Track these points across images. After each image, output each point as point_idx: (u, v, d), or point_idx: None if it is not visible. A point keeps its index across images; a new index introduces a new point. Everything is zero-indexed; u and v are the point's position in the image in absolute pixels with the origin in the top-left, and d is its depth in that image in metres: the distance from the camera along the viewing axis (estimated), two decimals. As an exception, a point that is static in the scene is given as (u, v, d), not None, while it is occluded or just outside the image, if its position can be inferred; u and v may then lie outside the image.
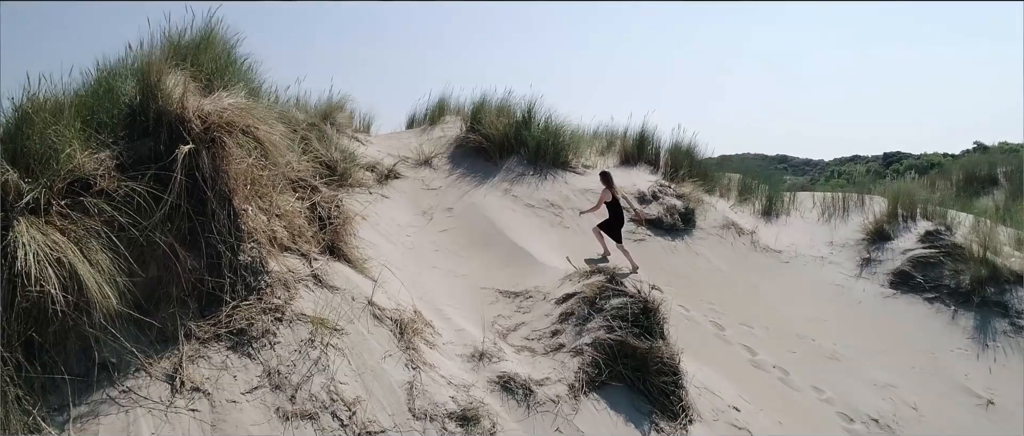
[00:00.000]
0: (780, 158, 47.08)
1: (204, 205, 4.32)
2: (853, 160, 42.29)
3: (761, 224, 11.48)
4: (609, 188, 8.00)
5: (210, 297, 4.27)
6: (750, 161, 42.32)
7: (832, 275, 9.67)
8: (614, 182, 8.15)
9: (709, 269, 9.46)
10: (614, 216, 8.03)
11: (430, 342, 5.24)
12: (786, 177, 36.84)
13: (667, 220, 10.15)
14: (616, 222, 8.02)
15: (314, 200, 5.71)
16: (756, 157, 44.37)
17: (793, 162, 47.23)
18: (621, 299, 6.00)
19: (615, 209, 8.04)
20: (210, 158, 4.31)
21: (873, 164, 38.37)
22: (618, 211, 8.04)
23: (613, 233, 8.06)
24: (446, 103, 13.11)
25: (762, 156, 45.49)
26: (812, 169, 45.20)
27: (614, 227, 8.04)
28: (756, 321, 8.14)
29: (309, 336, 4.40)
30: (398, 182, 9.55)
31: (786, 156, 48.33)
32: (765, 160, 44.36)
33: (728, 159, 29.49)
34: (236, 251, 4.44)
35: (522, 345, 5.96)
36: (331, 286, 5.04)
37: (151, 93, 4.36)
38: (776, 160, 45.63)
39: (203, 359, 3.98)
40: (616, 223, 8.03)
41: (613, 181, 8.13)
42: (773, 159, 45.36)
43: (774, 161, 44.83)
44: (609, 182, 8.07)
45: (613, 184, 8.08)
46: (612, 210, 8.04)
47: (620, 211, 8.06)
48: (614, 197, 8.03)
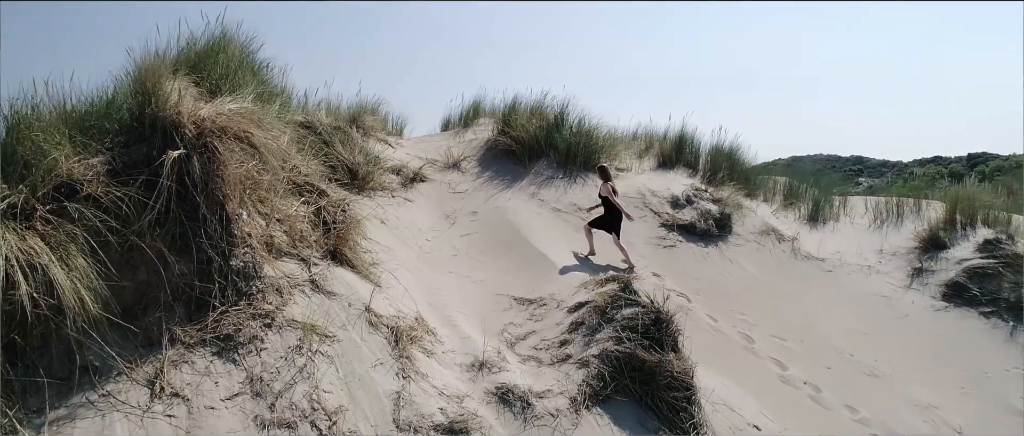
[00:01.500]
0: (855, 159, 44.99)
1: (196, 210, 4.34)
2: (934, 161, 40.10)
3: (805, 230, 10.90)
4: (608, 182, 8.18)
5: (199, 302, 4.28)
6: (820, 162, 40.71)
7: (878, 285, 9.07)
8: (611, 176, 8.32)
9: (743, 277, 9.02)
10: (611, 211, 8.21)
11: (428, 350, 5.13)
12: (861, 179, 35.19)
13: (700, 226, 9.76)
14: (615, 217, 8.19)
15: (320, 204, 5.69)
16: (829, 158, 42.60)
17: (869, 163, 45.03)
18: (633, 309, 5.73)
19: (613, 206, 8.20)
20: (201, 163, 4.32)
21: (956, 165, 36.27)
22: (617, 208, 8.19)
23: (612, 227, 8.22)
24: (480, 105, 13.06)
25: (835, 157, 43.68)
26: (889, 171, 43.00)
27: (613, 222, 8.21)
28: (790, 333, 7.69)
29: (297, 343, 4.35)
30: (424, 185, 9.52)
31: (862, 157, 46.14)
32: (838, 161, 42.55)
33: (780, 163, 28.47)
34: (228, 256, 4.43)
35: (529, 355, 5.77)
36: (329, 292, 4.99)
37: (148, 99, 4.42)
38: (851, 161, 43.66)
39: (187, 364, 3.98)
40: (615, 217, 8.19)
41: (610, 175, 8.31)
42: (847, 160, 43.45)
43: (848, 162, 42.95)
44: (607, 176, 8.24)
45: (611, 179, 8.26)
46: (609, 205, 8.19)
47: (614, 206, 8.20)
48: (615, 190, 8.21)
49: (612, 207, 8.19)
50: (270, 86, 6.77)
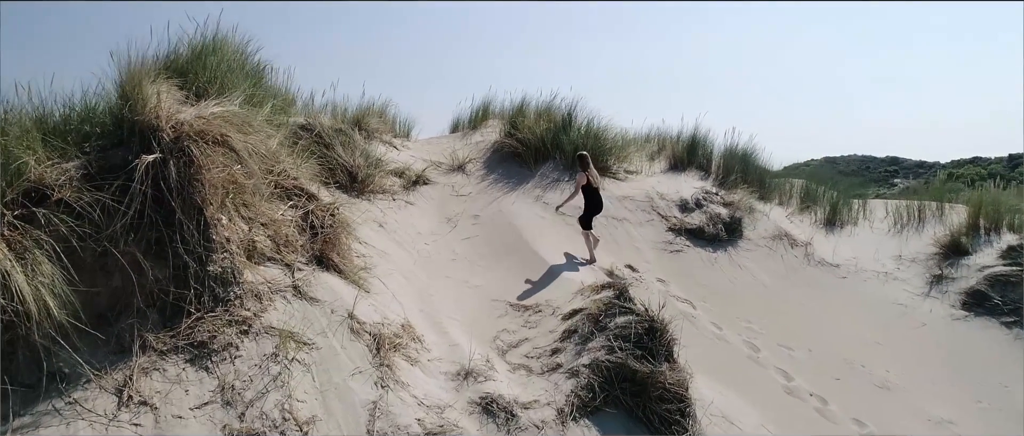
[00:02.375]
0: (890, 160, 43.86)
1: (172, 215, 4.28)
2: (973, 162, 38.88)
3: (820, 235, 10.58)
4: (584, 171, 8.00)
5: (174, 308, 4.22)
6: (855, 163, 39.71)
7: (895, 293, 8.74)
8: (590, 166, 8.07)
9: (752, 284, 8.76)
10: (590, 203, 8.06)
11: (413, 358, 5.02)
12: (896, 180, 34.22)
13: (709, 230, 9.52)
14: (591, 209, 8.07)
15: (309, 208, 5.62)
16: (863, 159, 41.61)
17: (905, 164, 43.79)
18: (626, 317, 5.56)
19: (591, 195, 8.05)
20: (177, 168, 4.26)
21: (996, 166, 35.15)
22: (595, 198, 8.05)
23: (584, 219, 8.10)
24: (490, 107, 12.93)
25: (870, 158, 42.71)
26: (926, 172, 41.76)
27: (587, 214, 8.00)
28: (798, 342, 7.43)
29: (273, 350, 4.28)
30: (427, 188, 9.43)
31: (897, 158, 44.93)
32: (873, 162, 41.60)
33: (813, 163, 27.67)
34: (205, 262, 4.38)
35: (519, 363, 5.64)
36: (311, 298, 4.91)
37: (127, 103, 4.38)
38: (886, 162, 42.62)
39: (158, 371, 3.92)
40: (591, 210, 8.07)
41: (590, 164, 8.10)
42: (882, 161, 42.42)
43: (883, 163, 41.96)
44: (585, 165, 8.08)
45: (590, 168, 8.06)
46: (588, 196, 8.06)
47: (598, 199, 8.08)
48: (590, 182, 8.04)
49: (588, 198, 8.11)
50: (264, 88, 6.73)
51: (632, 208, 9.88)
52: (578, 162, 8.24)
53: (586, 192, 8.08)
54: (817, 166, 37.95)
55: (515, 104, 11.93)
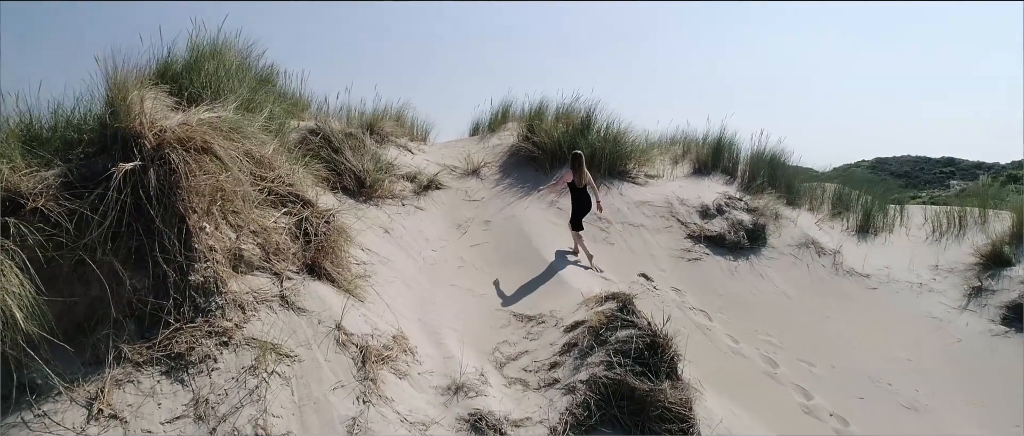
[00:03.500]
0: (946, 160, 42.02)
1: (153, 223, 4.22)
2: (1034, 163, 36.85)
3: (851, 243, 10.08)
4: (572, 171, 7.95)
5: (153, 319, 4.15)
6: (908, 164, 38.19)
7: (929, 305, 8.24)
8: (583, 166, 8.00)
9: (774, 294, 8.36)
10: (575, 204, 8.00)
11: (402, 371, 4.87)
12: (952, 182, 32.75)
13: (730, 237, 9.13)
14: (576, 209, 8.00)
15: (303, 215, 5.53)
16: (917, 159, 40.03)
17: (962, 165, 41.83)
18: (628, 331, 5.30)
19: (576, 196, 7.98)
20: (157, 176, 4.20)
21: None
22: (580, 199, 7.96)
23: (572, 221, 8.05)
24: (510, 109, 12.74)
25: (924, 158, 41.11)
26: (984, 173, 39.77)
27: (574, 214, 8.03)
28: (820, 358, 7.03)
29: (253, 363, 4.17)
30: (438, 193, 9.30)
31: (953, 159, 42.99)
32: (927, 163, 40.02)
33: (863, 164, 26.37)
34: (186, 271, 4.30)
35: (517, 377, 5.43)
36: (298, 308, 4.80)
37: (111, 110, 4.34)
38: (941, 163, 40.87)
39: (132, 383, 3.85)
40: (575, 210, 8.00)
41: (581, 164, 7.98)
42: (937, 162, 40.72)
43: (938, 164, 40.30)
44: (576, 164, 7.98)
45: (580, 168, 7.95)
46: (573, 197, 8.01)
47: (584, 199, 7.98)
48: (575, 182, 7.94)
49: (573, 199, 8.03)
50: (269, 92, 6.66)
51: (650, 214, 9.57)
52: (571, 160, 8.13)
53: (571, 191, 8.04)
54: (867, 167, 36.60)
55: (532, 106, 11.73)
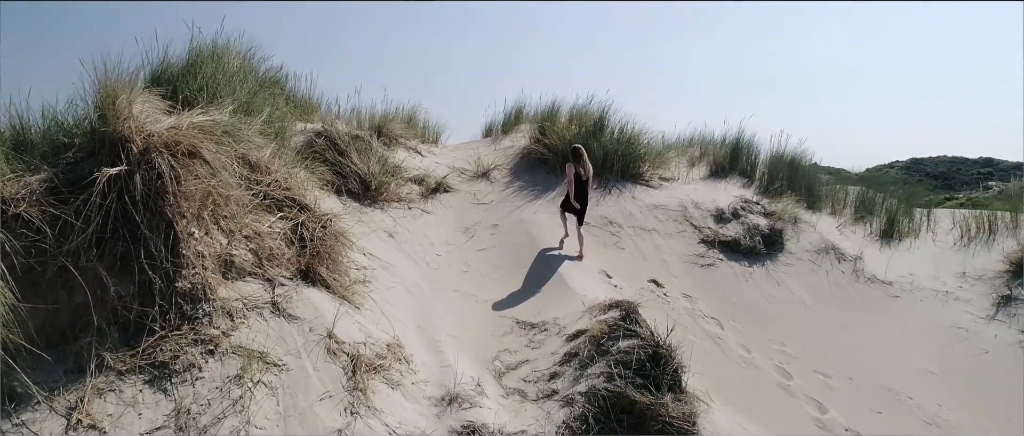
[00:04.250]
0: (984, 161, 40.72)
1: (138, 229, 4.16)
2: (1079, 163, 35.44)
3: (873, 248, 9.71)
4: (575, 164, 8.01)
5: (138, 326, 4.08)
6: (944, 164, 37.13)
7: (954, 315, 7.88)
8: (584, 157, 8.08)
9: (790, 302, 8.07)
10: (575, 193, 8.03)
11: (395, 381, 4.74)
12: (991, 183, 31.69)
13: (745, 242, 8.85)
14: (576, 199, 8.02)
15: (299, 219, 5.44)
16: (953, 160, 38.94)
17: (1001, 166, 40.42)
18: (630, 342, 5.12)
19: (578, 187, 8.01)
20: (143, 181, 4.13)
21: None
22: (580, 190, 8.01)
23: (572, 209, 8.12)
24: (523, 110, 12.55)
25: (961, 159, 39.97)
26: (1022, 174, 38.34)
27: (566, 201, 8.12)
28: (837, 369, 6.74)
29: (238, 372, 4.08)
30: (447, 196, 9.18)
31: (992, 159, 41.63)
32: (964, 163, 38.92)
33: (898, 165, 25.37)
34: (173, 278, 4.23)
35: (515, 387, 5.28)
36: (290, 315, 4.71)
37: (100, 114, 4.29)
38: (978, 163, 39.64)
39: (114, 393, 3.78)
40: (575, 198, 8.02)
41: (582, 158, 8.05)
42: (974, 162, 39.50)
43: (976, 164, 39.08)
44: (574, 158, 8.05)
45: (581, 162, 8.02)
46: (576, 187, 8.03)
47: (583, 191, 8.03)
48: (581, 173, 8.00)
49: (575, 191, 8.03)
50: (270, 95, 6.59)
51: (663, 218, 9.34)
52: (571, 154, 8.20)
53: (576, 183, 8.04)
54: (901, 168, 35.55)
55: (541, 108, 11.55)
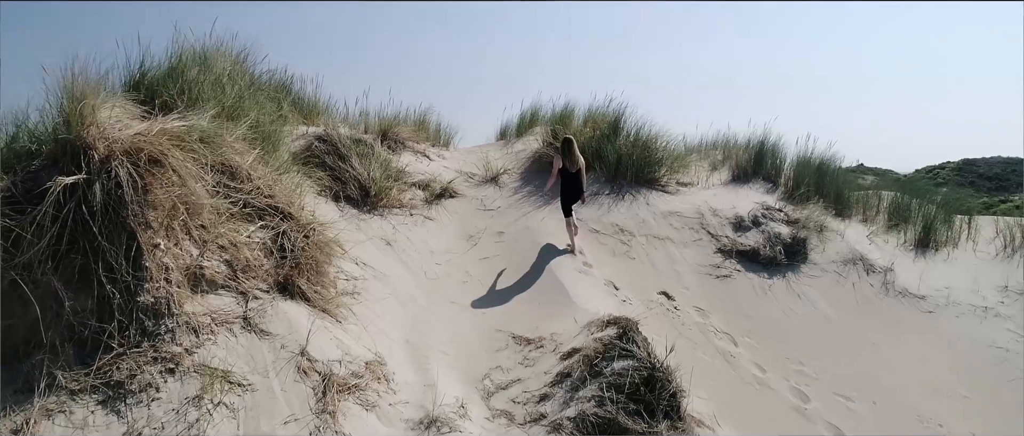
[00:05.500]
0: None
1: (97, 241, 3.97)
2: None
3: (906, 259, 9.11)
4: (562, 156, 7.95)
5: (95, 343, 3.90)
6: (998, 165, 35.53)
7: (992, 333, 7.30)
8: (574, 150, 7.95)
9: (812, 317, 7.57)
10: (563, 189, 7.98)
11: (370, 402, 4.47)
12: None
13: (765, 252, 8.37)
14: (564, 195, 7.98)
15: (281, 228, 5.22)
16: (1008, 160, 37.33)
17: None
18: (624, 363, 4.77)
19: (566, 180, 7.93)
20: (102, 190, 3.94)
21: None
22: (570, 184, 7.92)
23: (562, 205, 8.05)
24: (538, 113, 12.20)
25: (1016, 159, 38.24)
26: None
27: (562, 200, 8.02)
28: (860, 392, 6.26)
29: (198, 392, 3.86)
30: (453, 202, 8.91)
31: None
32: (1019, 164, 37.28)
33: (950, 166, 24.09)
34: (134, 291, 4.04)
35: (503, 409, 4.97)
36: (262, 331, 4.48)
37: (64, 120, 4.13)
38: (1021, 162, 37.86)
39: (64, 414, 3.59)
40: (564, 196, 7.98)
41: (572, 149, 7.94)
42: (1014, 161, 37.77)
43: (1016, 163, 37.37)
44: (563, 152, 7.97)
45: (571, 153, 7.91)
46: (563, 181, 7.98)
47: (573, 184, 7.93)
48: (567, 167, 7.90)
49: (563, 183, 8.00)
50: (253, 98, 6.38)
51: (678, 225, 8.91)
52: (561, 145, 8.13)
53: (562, 177, 7.99)
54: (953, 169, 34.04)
55: (557, 110, 11.21)
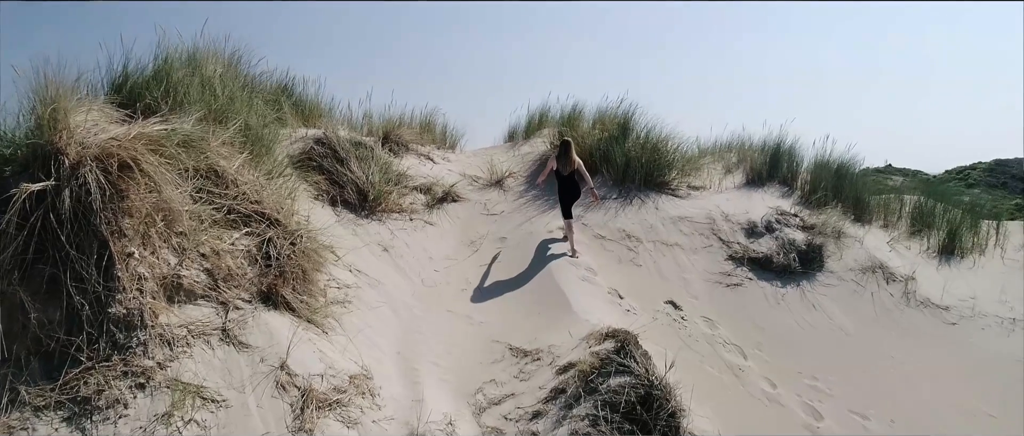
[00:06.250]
0: None
1: (66, 250, 3.82)
2: None
3: (929, 267, 8.73)
4: (556, 158, 7.93)
5: (63, 356, 3.74)
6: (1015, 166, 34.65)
7: (1021, 346, 6.91)
8: (570, 153, 7.88)
9: (827, 329, 7.23)
10: (560, 192, 7.94)
11: (352, 419, 4.28)
12: None
13: (778, 259, 8.04)
14: (562, 198, 7.91)
15: (267, 235, 5.05)
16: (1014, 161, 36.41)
17: None
18: (621, 380, 4.51)
19: (562, 183, 7.89)
20: (71, 197, 3.79)
21: None
22: (565, 186, 7.86)
23: (561, 209, 7.97)
24: (547, 114, 11.95)
25: None
26: None
27: (561, 203, 7.96)
28: (877, 409, 5.94)
29: (168, 409, 3.69)
30: (455, 206, 8.70)
31: None
32: None
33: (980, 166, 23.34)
34: (105, 302, 3.88)
35: (495, 426, 4.74)
36: (241, 343, 4.31)
37: (36, 124, 3.99)
38: None
39: (26, 431, 3.44)
40: (562, 199, 7.92)
41: (568, 151, 7.88)
42: None
43: None
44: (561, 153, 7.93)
45: (566, 155, 7.86)
46: (559, 185, 7.95)
47: (569, 187, 7.86)
48: (560, 169, 7.86)
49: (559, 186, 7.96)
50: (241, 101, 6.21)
51: (688, 231, 8.61)
52: (558, 147, 8.12)
53: (557, 179, 7.96)
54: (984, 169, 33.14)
55: (565, 111, 10.97)
